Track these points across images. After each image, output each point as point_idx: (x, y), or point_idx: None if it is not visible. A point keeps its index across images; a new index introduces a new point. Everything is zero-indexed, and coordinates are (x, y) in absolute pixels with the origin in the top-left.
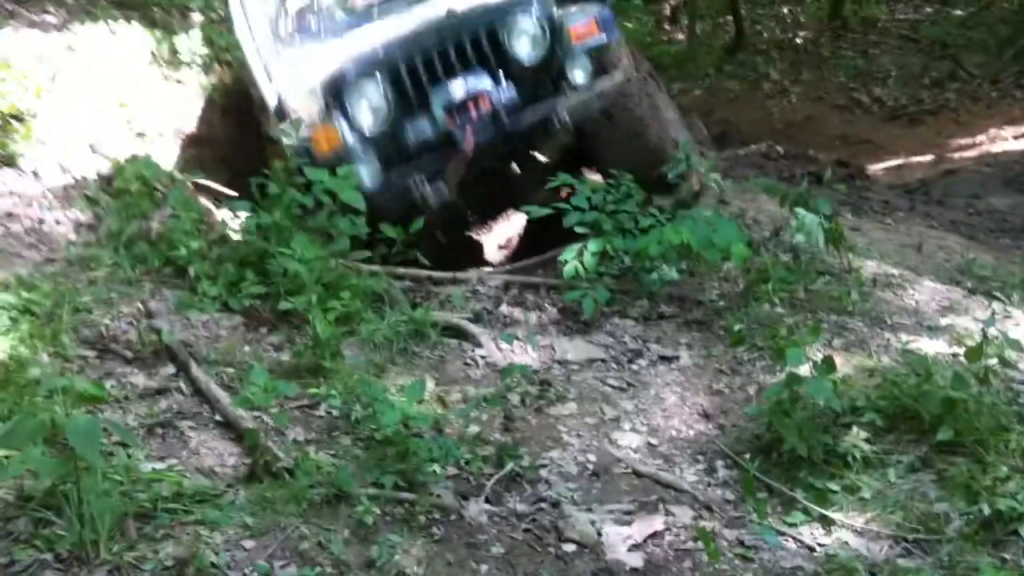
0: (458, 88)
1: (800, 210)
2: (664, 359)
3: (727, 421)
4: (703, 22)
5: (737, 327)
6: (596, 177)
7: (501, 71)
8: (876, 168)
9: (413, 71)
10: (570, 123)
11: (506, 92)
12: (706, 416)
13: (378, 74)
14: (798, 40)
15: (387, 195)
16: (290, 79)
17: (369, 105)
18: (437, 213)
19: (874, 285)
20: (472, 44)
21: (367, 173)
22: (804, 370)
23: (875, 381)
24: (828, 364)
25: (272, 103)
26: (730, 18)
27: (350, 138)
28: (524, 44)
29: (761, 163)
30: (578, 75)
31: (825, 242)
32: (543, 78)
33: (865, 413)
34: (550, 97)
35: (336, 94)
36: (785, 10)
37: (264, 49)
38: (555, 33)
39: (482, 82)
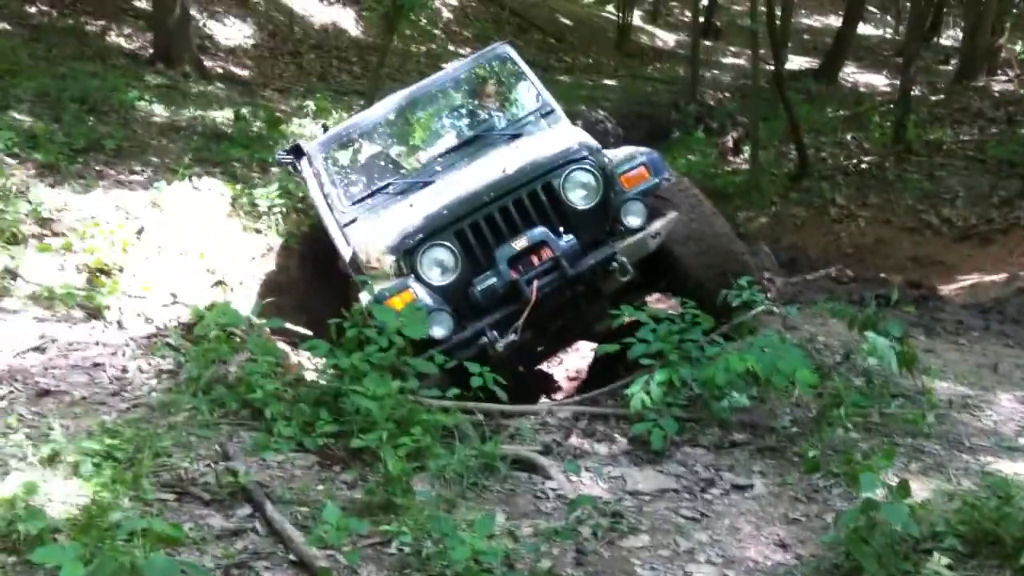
0: (519, 241)
1: (871, 333)
2: (737, 488)
3: (805, 551)
4: (766, 151)
5: (811, 453)
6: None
7: (559, 220)
8: (949, 288)
9: (477, 229)
10: (628, 264)
11: (565, 240)
12: (783, 546)
13: (445, 237)
14: (863, 165)
15: (459, 345)
16: (363, 240)
17: (439, 265)
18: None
19: (950, 407)
20: (530, 198)
21: (440, 325)
22: (880, 495)
23: (954, 505)
24: (904, 488)
25: (347, 258)
26: (793, 146)
27: (422, 295)
28: (579, 194)
29: (831, 287)
30: (632, 219)
31: (898, 364)
32: (600, 223)
33: (945, 538)
34: (608, 240)
35: (408, 258)
36: (848, 136)
37: (337, 209)
38: (608, 181)
39: (541, 233)
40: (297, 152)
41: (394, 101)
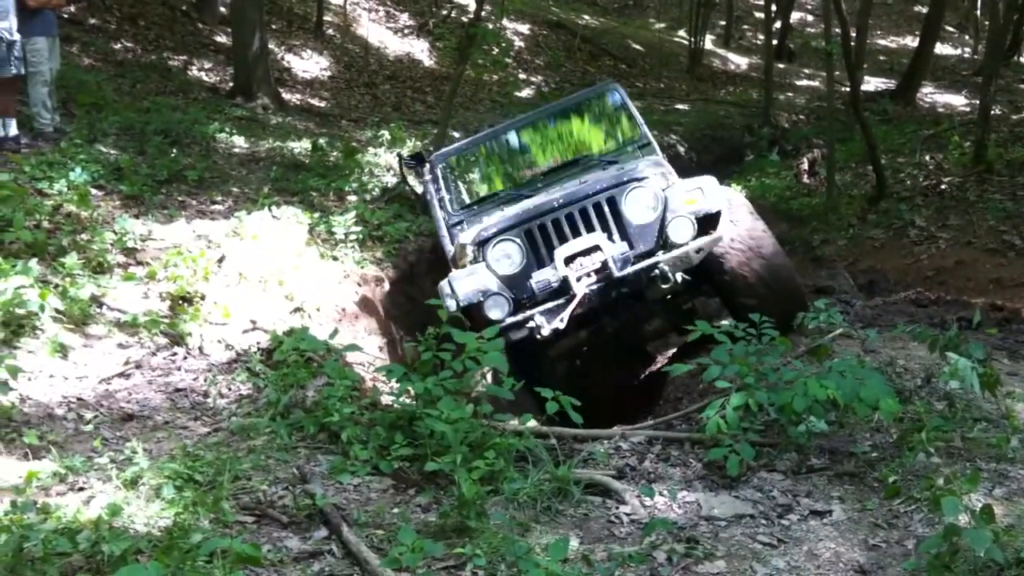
0: (576, 243)
1: (953, 355)
2: (816, 514)
3: None
4: (842, 173)
5: (892, 478)
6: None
7: (618, 231)
8: None
9: (544, 230)
10: (669, 272)
11: (617, 246)
12: (863, 572)
13: (515, 233)
14: (942, 186)
15: (512, 327)
16: (461, 238)
17: (506, 257)
18: (559, 353)
19: None
20: (595, 208)
21: (498, 308)
22: (963, 520)
23: None
24: (987, 513)
25: (450, 255)
26: (870, 168)
27: (487, 278)
28: (635, 209)
29: (911, 310)
30: (678, 235)
31: (980, 387)
32: (655, 239)
33: None
34: (655, 252)
35: (481, 248)
36: (927, 157)
37: (448, 212)
38: (665, 202)
39: (597, 237)
40: (419, 159)
41: (509, 125)
